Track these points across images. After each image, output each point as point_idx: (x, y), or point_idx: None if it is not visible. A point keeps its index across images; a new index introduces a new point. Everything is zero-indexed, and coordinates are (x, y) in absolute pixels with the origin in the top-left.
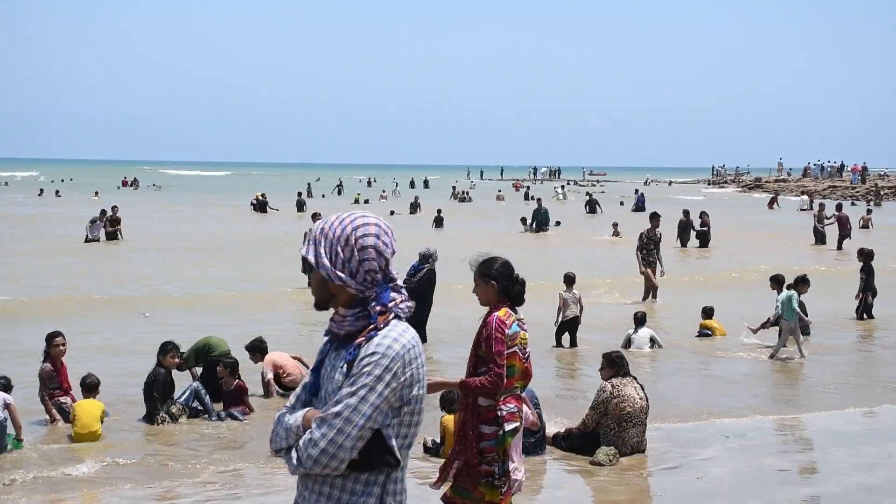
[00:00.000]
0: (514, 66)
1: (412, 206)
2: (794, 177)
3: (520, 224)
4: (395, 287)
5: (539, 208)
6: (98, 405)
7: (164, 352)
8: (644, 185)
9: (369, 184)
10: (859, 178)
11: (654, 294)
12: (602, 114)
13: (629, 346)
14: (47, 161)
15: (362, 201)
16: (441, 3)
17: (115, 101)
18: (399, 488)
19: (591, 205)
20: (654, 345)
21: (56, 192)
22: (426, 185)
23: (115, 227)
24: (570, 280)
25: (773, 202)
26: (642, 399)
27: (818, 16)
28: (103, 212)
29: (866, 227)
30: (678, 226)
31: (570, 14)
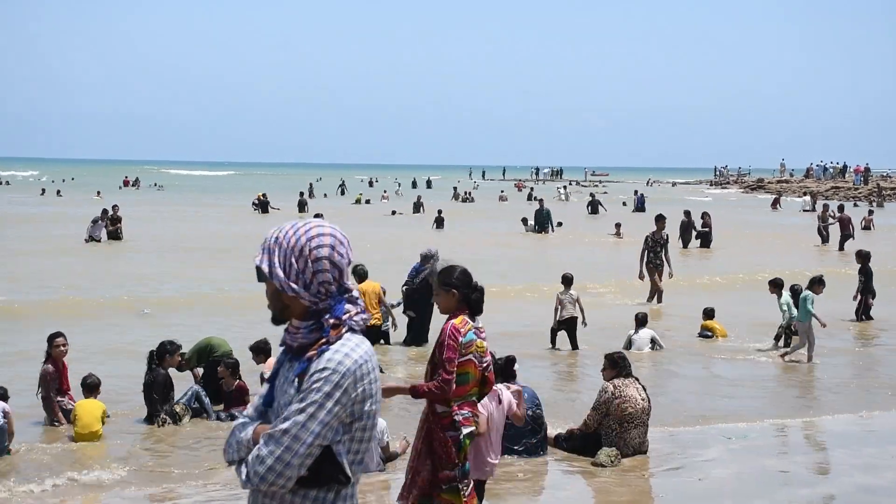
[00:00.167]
0: (514, 66)
1: (415, 205)
2: (796, 178)
3: (521, 225)
4: (350, 299)
5: (541, 209)
6: (99, 405)
7: (164, 352)
8: (647, 185)
9: (370, 184)
10: (862, 179)
11: (658, 297)
12: (602, 114)
13: (630, 347)
14: (48, 161)
15: (363, 201)
16: (441, 3)
17: (115, 101)
18: None
19: (594, 205)
20: (654, 346)
21: (57, 192)
22: (429, 186)
23: (115, 226)
24: (567, 281)
25: (777, 203)
26: (644, 400)
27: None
28: (104, 211)
29: (868, 227)
30: (680, 227)
31: (570, 14)
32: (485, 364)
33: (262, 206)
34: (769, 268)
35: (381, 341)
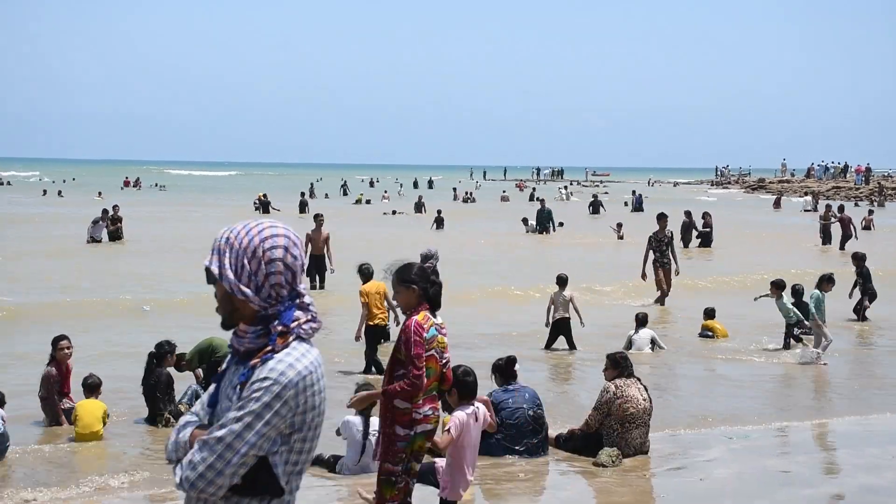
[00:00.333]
0: (514, 66)
1: (416, 205)
2: (797, 177)
3: (521, 225)
4: (302, 304)
5: (542, 209)
6: (100, 405)
7: (162, 353)
8: (648, 185)
9: (371, 184)
10: (863, 178)
11: (661, 300)
12: (603, 114)
13: (630, 348)
14: (48, 161)
15: (364, 202)
16: (441, 3)
17: (115, 101)
18: None
19: (595, 206)
20: (654, 346)
21: (59, 192)
22: (430, 186)
23: (116, 226)
24: (562, 281)
25: (778, 202)
26: (645, 400)
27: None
28: (105, 211)
29: (868, 227)
30: (681, 227)
31: (570, 14)
32: (444, 360)
33: (264, 206)
34: (770, 268)
35: (383, 341)
